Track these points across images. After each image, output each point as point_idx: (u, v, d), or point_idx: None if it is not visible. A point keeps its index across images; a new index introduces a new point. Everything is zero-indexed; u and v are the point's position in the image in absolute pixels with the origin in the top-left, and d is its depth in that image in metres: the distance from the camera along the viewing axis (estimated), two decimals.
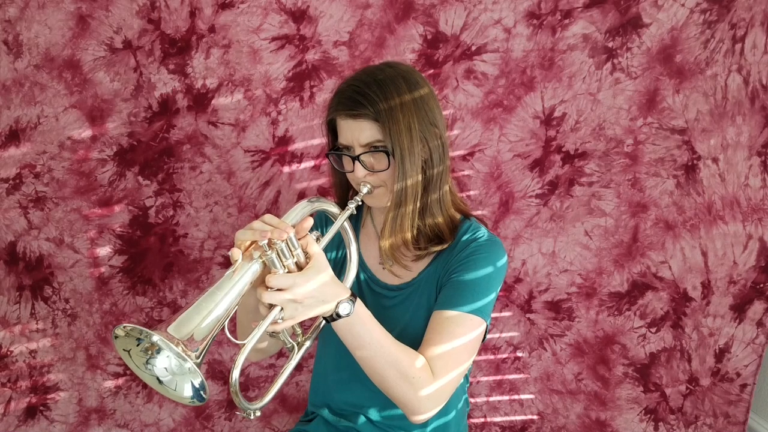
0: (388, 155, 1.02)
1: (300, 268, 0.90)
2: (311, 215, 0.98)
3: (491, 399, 1.68)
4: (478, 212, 1.57)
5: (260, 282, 0.89)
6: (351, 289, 1.01)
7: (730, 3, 1.42)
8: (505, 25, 1.47)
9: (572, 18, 1.45)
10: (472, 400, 1.67)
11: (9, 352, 1.65)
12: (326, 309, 0.92)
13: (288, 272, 0.89)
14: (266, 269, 0.89)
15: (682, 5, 1.43)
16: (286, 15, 1.48)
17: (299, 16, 1.48)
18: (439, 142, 1.07)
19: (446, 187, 1.11)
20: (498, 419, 1.69)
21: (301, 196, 1.59)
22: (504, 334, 1.63)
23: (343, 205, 1.06)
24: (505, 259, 1.12)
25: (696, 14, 1.43)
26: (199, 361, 0.79)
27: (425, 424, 1.17)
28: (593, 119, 1.50)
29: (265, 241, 0.86)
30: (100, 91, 1.51)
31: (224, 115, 1.53)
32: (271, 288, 0.87)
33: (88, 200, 1.57)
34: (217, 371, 1.67)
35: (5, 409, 1.68)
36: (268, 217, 0.90)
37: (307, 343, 0.99)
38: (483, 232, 1.13)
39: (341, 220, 1.02)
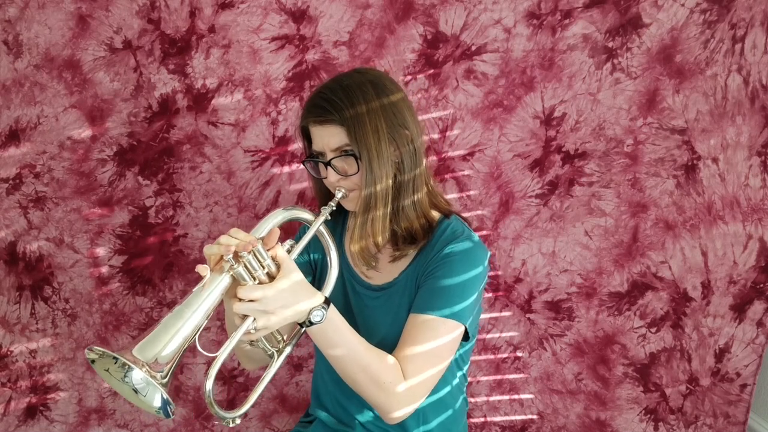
0: (356, 159, 1.02)
1: (272, 278, 0.91)
2: (284, 225, 0.98)
3: (491, 399, 1.68)
4: (478, 212, 1.57)
5: (233, 294, 0.90)
6: (330, 294, 1.02)
7: (730, 3, 1.42)
8: (505, 25, 1.47)
9: (572, 18, 1.45)
10: (472, 399, 1.67)
11: (9, 352, 1.65)
12: (298, 317, 0.93)
13: (259, 283, 0.90)
14: (237, 282, 0.90)
15: (682, 5, 1.43)
16: (286, 15, 1.48)
17: (299, 16, 1.48)
18: (411, 146, 1.06)
19: (422, 191, 1.10)
20: (498, 419, 1.69)
21: (301, 196, 1.59)
22: (504, 334, 1.63)
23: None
24: (485, 260, 1.11)
25: (696, 14, 1.43)
26: (165, 381, 0.81)
27: (423, 423, 1.17)
28: (593, 119, 1.50)
29: (231, 255, 0.87)
30: (100, 91, 1.51)
31: (224, 115, 1.53)
32: (243, 299, 0.88)
33: (88, 200, 1.57)
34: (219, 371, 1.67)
35: (5, 409, 1.68)
36: (234, 230, 0.91)
37: (287, 350, 1.00)
38: (462, 231, 1.11)
39: (315, 226, 1.02)
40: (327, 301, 0.96)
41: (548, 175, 1.54)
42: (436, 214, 1.15)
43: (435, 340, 1.04)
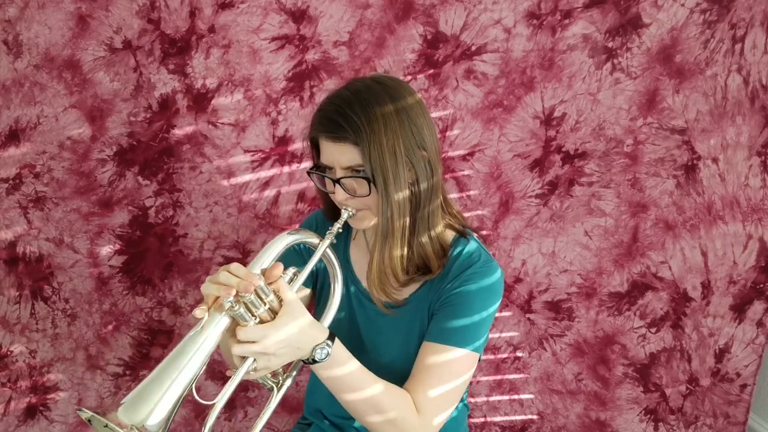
0: (368, 181, 0.95)
1: (274, 312, 0.86)
2: (291, 247, 0.93)
3: (491, 399, 1.68)
4: (478, 212, 1.57)
5: (233, 333, 0.85)
6: (330, 327, 0.97)
7: (730, 3, 1.42)
8: (505, 25, 1.47)
9: (572, 18, 1.45)
10: (472, 400, 1.67)
11: (9, 352, 1.65)
12: (301, 355, 0.89)
13: (260, 322, 0.85)
14: (236, 321, 0.85)
15: (682, 5, 1.43)
16: (286, 15, 1.48)
17: (299, 16, 1.48)
18: (428, 168, 1.00)
19: (433, 205, 1.03)
20: (498, 419, 1.69)
21: (301, 196, 1.59)
22: (504, 334, 1.63)
23: (332, 216, 1.00)
24: (501, 287, 1.06)
25: (696, 14, 1.43)
26: None
27: None
28: (593, 119, 1.50)
29: (231, 298, 0.81)
30: (100, 91, 1.51)
31: (224, 115, 1.53)
32: (242, 340, 0.83)
33: (88, 200, 1.57)
34: (216, 371, 1.67)
35: (5, 409, 1.68)
36: (234, 266, 0.84)
37: (288, 382, 0.95)
38: (479, 255, 1.05)
39: (320, 251, 0.96)
40: (332, 336, 0.91)
41: (548, 175, 1.54)
42: (449, 234, 1.08)
43: (454, 377, 1.00)
